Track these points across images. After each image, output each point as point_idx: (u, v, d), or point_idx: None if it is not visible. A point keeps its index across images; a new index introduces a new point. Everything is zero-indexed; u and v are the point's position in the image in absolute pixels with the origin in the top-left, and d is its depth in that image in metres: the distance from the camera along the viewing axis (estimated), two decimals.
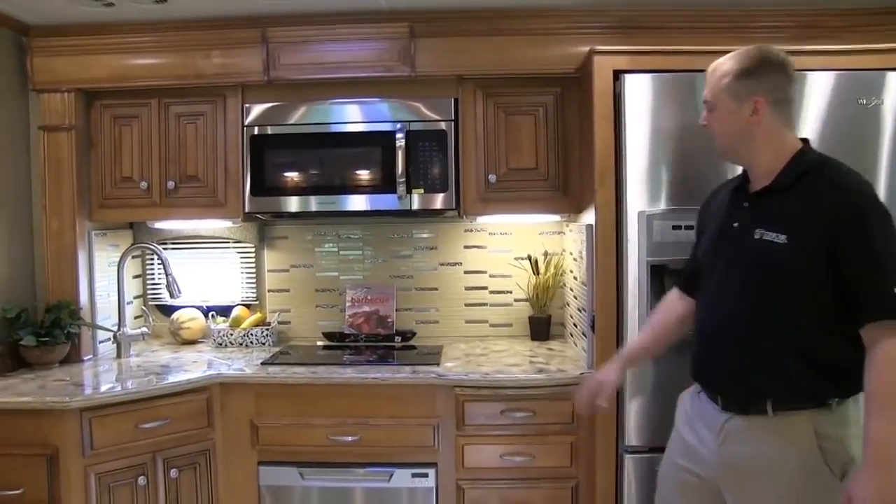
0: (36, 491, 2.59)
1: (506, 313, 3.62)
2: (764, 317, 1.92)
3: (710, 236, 2.13)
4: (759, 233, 1.93)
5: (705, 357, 2.09)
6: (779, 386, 1.90)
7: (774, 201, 1.94)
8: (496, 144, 3.12)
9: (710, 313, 2.07)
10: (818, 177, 1.89)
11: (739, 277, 1.97)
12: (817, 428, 1.87)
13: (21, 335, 2.98)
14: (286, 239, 3.69)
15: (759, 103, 1.94)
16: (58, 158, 3.15)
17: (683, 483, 2.14)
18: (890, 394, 1.76)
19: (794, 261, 1.86)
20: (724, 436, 2.00)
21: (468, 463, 2.85)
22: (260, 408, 2.91)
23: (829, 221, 1.82)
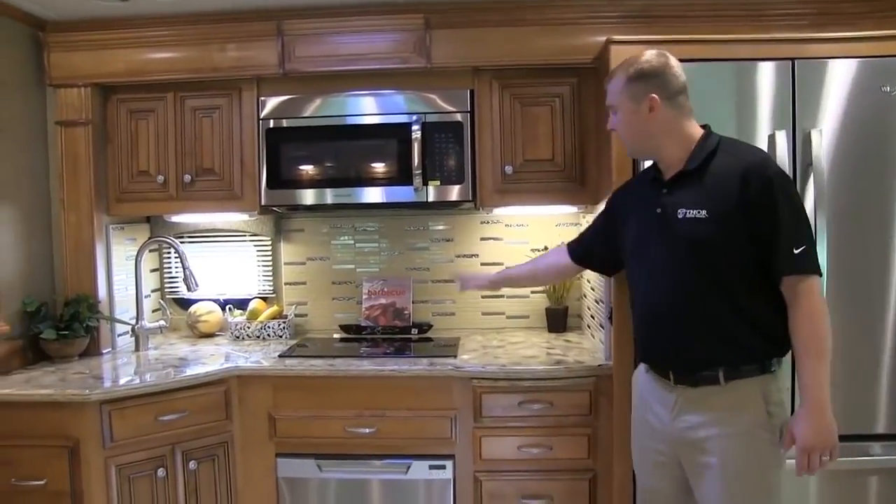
0: (58, 482, 2.61)
1: (522, 305, 3.61)
2: (702, 288, 2.07)
3: (636, 226, 2.28)
4: (683, 212, 2.10)
5: (653, 335, 2.23)
6: (728, 350, 2.07)
7: (688, 183, 2.12)
8: (512, 136, 3.11)
9: (652, 295, 2.21)
10: (724, 155, 2.09)
11: (673, 256, 2.12)
12: (765, 394, 2.06)
13: (41, 328, 3.00)
14: (302, 232, 3.69)
15: (653, 101, 2.12)
16: (75, 153, 3.16)
17: (655, 463, 2.27)
18: (816, 343, 1.98)
19: (717, 232, 2.03)
20: (678, 409, 2.15)
21: (486, 455, 2.85)
22: (277, 400, 2.92)
23: (740, 191, 2.00)
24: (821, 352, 1.98)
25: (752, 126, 2.50)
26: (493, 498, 2.86)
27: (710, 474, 2.09)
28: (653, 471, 2.29)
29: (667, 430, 2.18)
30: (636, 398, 2.38)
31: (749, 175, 2.00)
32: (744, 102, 2.52)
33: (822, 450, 1.97)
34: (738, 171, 2.02)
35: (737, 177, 2.01)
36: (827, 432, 1.97)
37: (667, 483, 2.25)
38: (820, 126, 2.48)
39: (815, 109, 2.49)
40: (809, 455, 1.97)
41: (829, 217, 2.44)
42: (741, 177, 2.01)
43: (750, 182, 2.00)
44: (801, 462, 1.98)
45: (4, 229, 2.93)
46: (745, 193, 2.00)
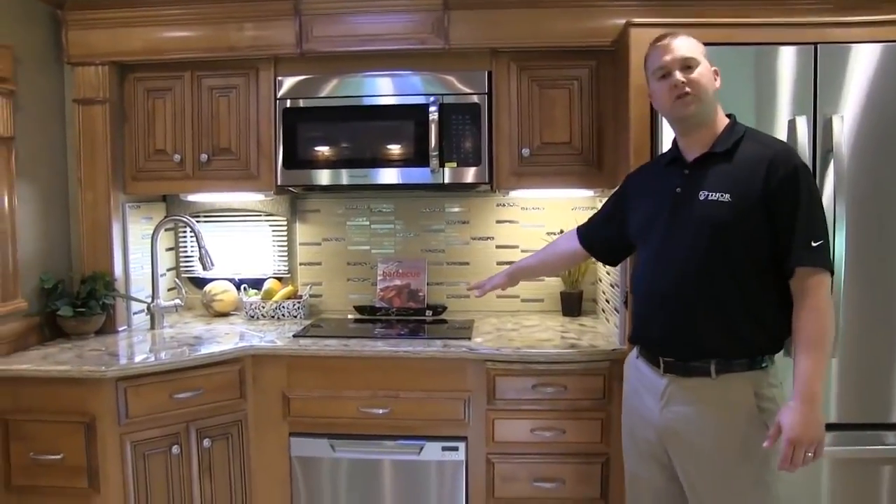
0: (75, 457, 2.64)
1: (537, 288, 3.61)
2: (712, 272, 2.06)
3: (646, 207, 2.26)
4: (704, 194, 2.08)
5: (650, 317, 2.22)
6: (725, 342, 2.06)
7: (714, 166, 2.10)
8: (530, 118, 3.09)
9: (654, 276, 2.19)
10: (751, 142, 2.09)
11: (686, 237, 2.10)
12: (756, 389, 2.06)
13: (58, 306, 3.02)
14: (318, 212, 3.70)
15: (717, 73, 2.16)
16: (92, 131, 3.17)
17: (643, 451, 2.27)
18: (818, 339, 1.97)
19: (738, 217, 2.02)
20: (667, 399, 2.14)
21: (498, 437, 2.85)
22: (291, 380, 2.93)
23: (766, 180, 2.00)
24: (821, 348, 1.97)
25: (771, 111, 2.48)
26: (506, 480, 2.87)
27: (699, 468, 2.10)
28: (640, 458, 2.30)
29: (655, 420, 2.18)
30: (626, 384, 2.39)
31: (776, 163, 1.99)
32: (764, 87, 2.50)
33: (808, 444, 1.94)
34: (766, 159, 2.01)
35: (763, 164, 2.00)
36: (814, 426, 1.95)
37: (654, 471, 2.25)
38: (841, 112, 2.45)
39: (836, 95, 2.46)
40: (794, 448, 1.94)
41: (849, 203, 2.42)
42: (768, 165, 2.00)
43: (776, 170, 1.99)
44: (786, 454, 1.95)
45: (23, 207, 2.94)
46: (771, 182, 1.99)
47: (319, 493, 2.95)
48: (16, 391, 2.66)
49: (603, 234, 2.56)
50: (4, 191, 2.85)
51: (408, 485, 2.92)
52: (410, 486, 2.92)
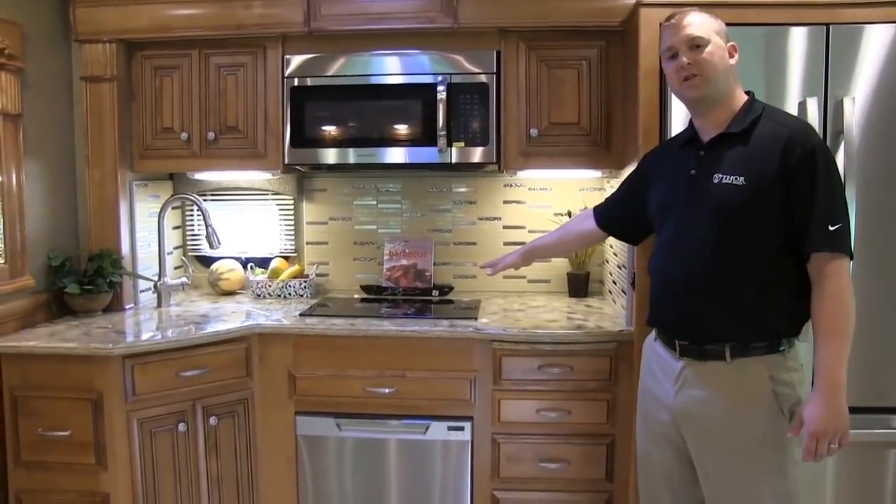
0: (82, 433, 2.65)
1: (544, 269, 3.60)
2: (725, 257, 2.02)
3: (663, 189, 2.23)
4: (718, 177, 2.04)
5: (665, 301, 2.19)
6: (739, 326, 2.02)
7: (729, 147, 2.06)
8: (538, 98, 3.07)
9: (669, 259, 2.16)
10: (768, 122, 2.03)
11: (700, 221, 2.06)
12: (772, 374, 2.01)
13: (65, 283, 3.03)
14: (325, 192, 3.69)
15: (734, 48, 2.11)
16: (100, 109, 3.16)
17: (657, 433, 2.25)
18: (838, 326, 1.93)
19: (753, 201, 1.98)
20: (682, 382, 2.12)
21: (504, 417, 2.86)
22: (298, 359, 2.94)
23: (782, 161, 1.95)
24: (842, 335, 1.93)
25: (781, 92, 2.46)
26: (511, 460, 2.88)
27: (712, 452, 2.08)
28: (653, 439, 2.28)
29: (670, 402, 2.16)
30: (643, 366, 2.37)
31: (792, 143, 1.95)
32: (774, 68, 2.47)
33: (832, 436, 1.90)
34: (782, 139, 1.96)
35: (780, 144, 1.96)
36: (838, 418, 1.91)
37: (667, 453, 2.23)
38: (853, 93, 2.43)
39: (848, 76, 2.44)
40: (818, 440, 1.90)
41: (859, 186, 2.40)
42: (784, 145, 1.95)
43: (793, 151, 1.94)
44: (809, 447, 1.92)
45: (30, 184, 2.94)
46: (787, 162, 1.94)
47: (325, 471, 2.97)
48: (24, 368, 2.67)
49: (619, 215, 2.54)
50: (12, 168, 2.85)
51: (413, 464, 2.93)
52: (416, 466, 2.93)
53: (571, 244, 2.89)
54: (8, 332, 2.78)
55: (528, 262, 2.84)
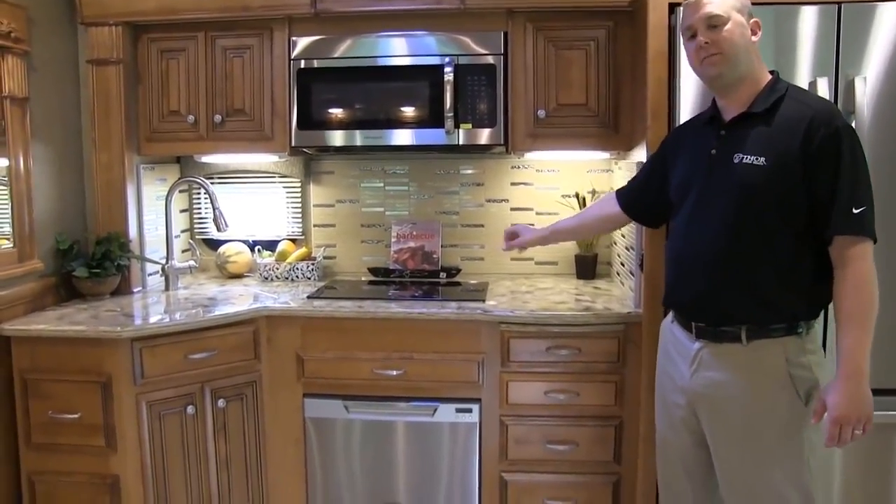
0: (92, 416, 2.67)
1: (551, 251, 3.58)
2: (744, 238, 1.99)
3: (683, 169, 2.20)
4: (739, 157, 2.00)
5: (681, 282, 2.17)
6: (755, 308, 2.00)
7: (751, 127, 2.02)
8: (546, 79, 3.05)
9: (686, 240, 2.14)
10: (791, 102, 1.99)
11: (719, 202, 2.03)
12: (788, 356, 1.99)
13: (73, 266, 3.04)
14: (332, 174, 3.68)
15: (756, 25, 2.06)
16: (106, 92, 3.15)
17: (673, 415, 2.24)
18: (861, 311, 1.90)
19: (773, 182, 1.94)
20: (698, 364, 2.10)
21: (512, 399, 2.86)
22: (306, 341, 2.94)
23: (804, 142, 1.91)
24: (865, 321, 1.89)
25: (791, 72, 2.42)
26: (519, 442, 2.88)
27: (728, 434, 2.07)
28: (670, 423, 2.27)
29: (686, 385, 2.15)
30: (660, 348, 2.35)
31: (816, 124, 1.90)
32: (783, 48, 2.43)
33: (856, 422, 1.88)
34: (805, 119, 1.92)
35: (802, 125, 1.91)
36: (861, 404, 1.88)
37: (683, 436, 2.22)
38: (864, 73, 2.39)
39: (859, 55, 2.40)
40: (841, 427, 1.88)
41: (871, 166, 2.36)
42: (808, 125, 1.91)
43: (816, 132, 1.90)
44: (832, 433, 1.89)
45: (38, 168, 2.94)
46: (809, 144, 1.90)
47: (333, 453, 2.98)
48: (33, 351, 2.68)
49: (641, 197, 2.48)
50: (20, 151, 2.85)
51: (421, 446, 2.93)
52: (424, 448, 2.93)
53: (595, 227, 2.83)
54: (17, 315, 2.79)
55: (545, 243, 2.81)
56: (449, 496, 2.95)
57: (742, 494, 2.07)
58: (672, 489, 2.33)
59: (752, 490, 2.04)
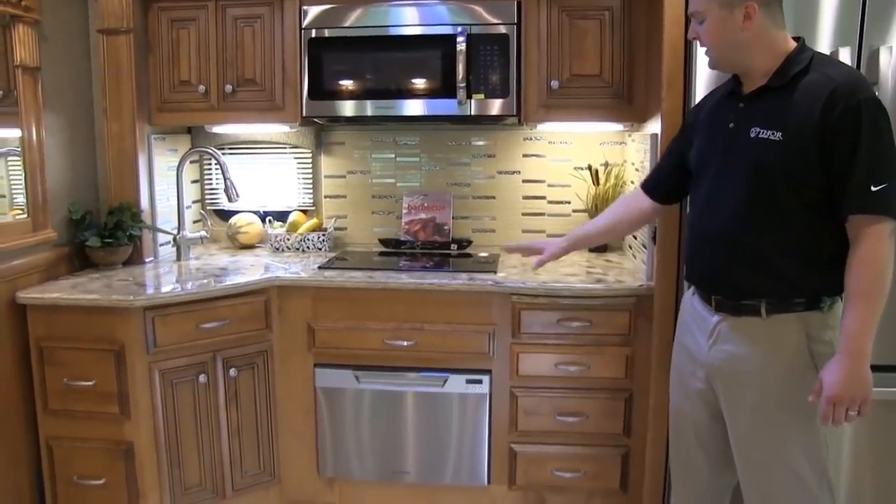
0: (105, 384, 2.70)
1: (563, 224, 3.58)
2: (759, 214, 1.96)
3: (702, 142, 2.16)
4: (755, 131, 1.96)
5: (700, 258, 2.14)
6: (772, 283, 1.97)
7: (770, 100, 1.96)
8: (559, 49, 3.02)
9: (704, 214, 2.11)
10: (814, 73, 1.91)
11: (735, 176, 2.00)
12: (808, 331, 1.96)
13: (86, 236, 3.04)
14: (343, 145, 3.67)
15: (750, 8, 1.93)
16: (117, 62, 3.14)
17: (689, 387, 2.23)
18: (869, 290, 1.84)
19: (790, 157, 1.89)
20: (716, 337, 2.08)
21: (522, 371, 2.87)
22: (316, 311, 2.95)
23: (823, 115, 1.84)
24: (870, 300, 1.84)
25: (811, 42, 2.32)
26: (529, 414, 2.89)
27: (744, 408, 2.05)
28: (685, 394, 2.26)
29: (704, 358, 2.13)
30: (679, 320, 2.33)
31: (836, 97, 1.82)
32: (804, 16, 2.36)
33: (850, 402, 1.84)
34: (826, 92, 1.83)
35: (822, 98, 1.83)
36: (858, 385, 1.84)
37: (698, 408, 2.21)
38: (890, 42, 2.32)
39: (885, 24, 2.32)
40: (835, 406, 1.85)
41: None
42: (828, 98, 1.83)
43: (835, 105, 1.82)
44: (826, 412, 1.86)
45: (50, 138, 2.94)
46: (828, 117, 1.82)
47: (343, 423, 3.00)
48: (48, 319, 2.70)
49: (668, 178, 2.38)
50: (32, 121, 2.85)
51: (431, 417, 2.95)
52: (434, 419, 2.95)
53: (624, 229, 2.60)
54: (32, 284, 2.81)
55: (574, 250, 2.60)
56: (458, 467, 2.97)
57: (757, 469, 2.06)
58: (685, 462, 2.33)
59: (767, 465, 2.03)
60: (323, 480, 3.08)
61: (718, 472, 2.26)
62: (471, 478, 2.97)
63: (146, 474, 2.76)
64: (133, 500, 2.77)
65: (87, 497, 2.80)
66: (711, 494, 2.30)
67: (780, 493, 2.02)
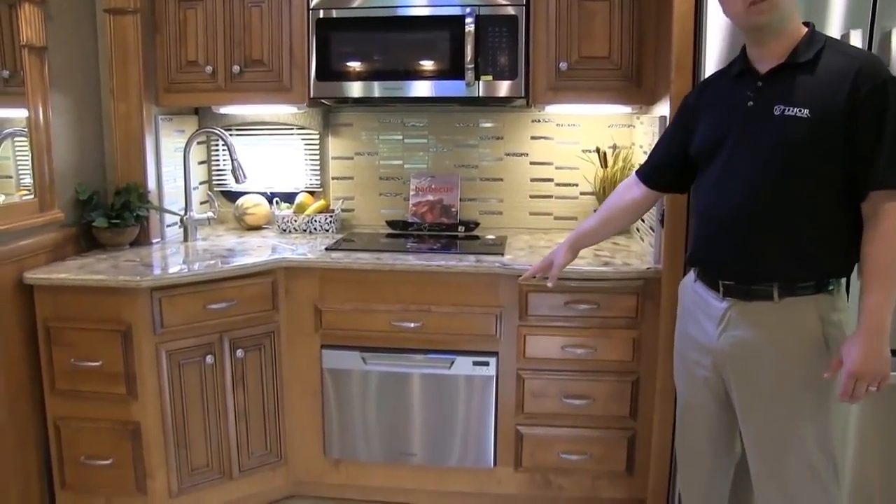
0: (113, 364, 2.70)
1: (571, 206, 3.57)
2: (781, 193, 1.93)
3: (712, 123, 2.11)
4: (780, 109, 1.92)
5: (712, 239, 2.10)
6: (790, 265, 1.95)
7: (792, 78, 1.93)
8: (568, 31, 3.00)
9: (718, 196, 2.06)
10: (833, 53, 1.90)
11: (756, 155, 1.97)
12: (821, 314, 1.95)
13: (93, 217, 3.04)
14: (350, 126, 3.66)
15: None
16: (124, 42, 3.12)
17: (696, 377, 2.21)
18: (887, 267, 1.84)
19: (816, 134, 1.87)
20: (726, 323, 2.06)
21: (529, 353, 2.87)
22: (324, 293, 2.95)
23: (851, 93, 1.83)
24: (891, 278, 1.84)
25: (820, 24, 2.29)
26: (536, 396, 2.89)
27: (756, 394, 2.04)
28: (693, 386, 2.24)
29: (712, 345, 2.10)
30: (680, 308, 2.31)
31: (863, 76, 1.82)
32: None
33: (871, 378, 1.84)
34: (852, 71, 1.83)
35: (849, 76, 1.83)
36: (879, 361, 1.84)
37: (704, 396, 2.20)
38: None
39: None
40: (856, 382, 1.85)
41: None
42: (854, 77, 1.83)
43: (862, 84, 1.82)
44: (847, 387, 1.86)
45: (57, 118, 2.93)
46: (855, 95, 1.82)
47: (349, 404, 3.00)
48: (55, 299, 2.71)
49: (669, 164, 2.33)
50: (39, 102, 2.84)
51: (437, 399, 2.95)
52: (440, 401, 2.95)
53: (621, 220, 2.50)
54: (39, 264, 2.81)
55: (580, 250, 2.56)
56: (464, 449, 2.98)
57: (768, 454, 2.05)
58: (690, 447, 2.33)
59: (778, 450, 2.02)
60: (329, 462, 3.09)
61: (722, 454, 2.26)
62: (477, 460, 2.98)
63: (153, 455, 2.77)
64: (140, 480, 2.78)
65: (94, 477, 2.81)
66: (716, 475, 2.30)
67: (792, 477, 2.01)
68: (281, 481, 3.09)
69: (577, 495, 2.99)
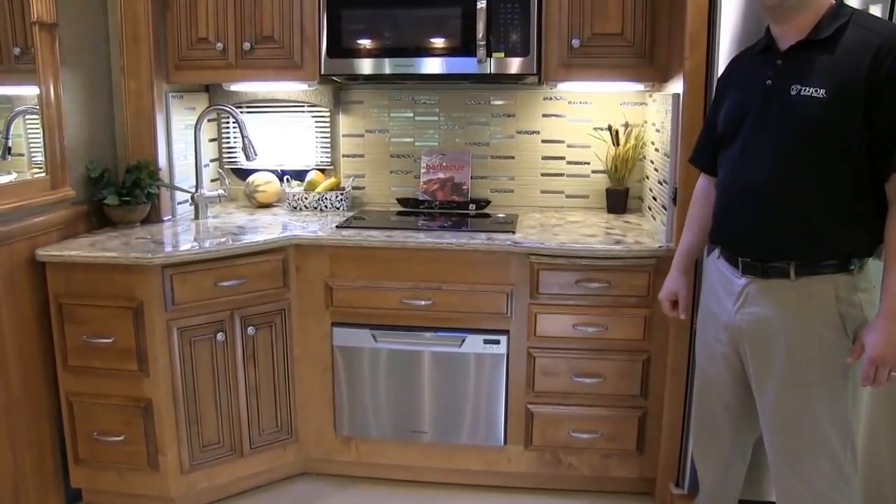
0: (124, 341, 2.71)
1: (582, 185, 3.55)
2: (798, 173, 1.91)
3: (735, 99, 2.09)
4: (796, 88, 1.89)
5: (730, 217, 2.09)
6: (806, 244, 1.93)
7: (811, 56, 1.89)
8: (580, 8, 2.96)
9: (738, 174, 2.05)
10: (856, 29, 1.85)
11: (773, 135, 1.95)
12: (838, 293, 1.92)
13: (104, 194, 3.04)
14: (361, 104, 3.64)
15: None
16: (134, 19, 3.11)
17: (714, 352, 2.22)
18: None
19: (833, 115, 1.83)
20: (744, 299, 2.06)
21: (540, 331, 2.86)
22: (334, 270, 2.95)
23: (870, 71, 1.78)
24: None
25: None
26: (546, 374, 2.89)
27: (772, 371, 2.03)
28: (710, 358, 2.25)
29: (729, 321, 2.11)
30: (704, 284, 2.31)
31: (884, 52, 1.77)
32: None
33: (893, 364, 1.82)
34: (872, 47, 1.78)
35: (869, 54, 1.78)
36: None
37: (722, 371, 2.21)
38: None
39: None
40: (877, 367, 1.83)
41: None
42: (875, 53, 1.77)
43: (883, 61, 1.76)
44: (868, 373, 1.84)
45: (67, 95, 2.93)
46: (876, 73, 1.77)
47: (360, 382, 3.01)
48: (67, 276, 2.72)
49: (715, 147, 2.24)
50: (50, 79, 2.83)
51: (448, 377, 2.96)
52: (451, 378, 2.96)
53: None
54: (51, 241, 2.81)
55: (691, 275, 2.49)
56: (474, 427, 2.98)
57: (782, 432, 2.05)
58: (709, 423, 2.34)
59: (793, 428, 2.02)
60: (340, 439, 3.10)
61: (741, 430, 2.27)
62: (487, 438, 2.99)
63: (165, 431, 2.78)
64: (152, 456, 2.80)
65: (107, 453, 2.83)
66: (734, 451, 2.32)
67: (807, 455, 2.01)
68: (292, 458, 3.11)
69: (587, 474, 3.00)
